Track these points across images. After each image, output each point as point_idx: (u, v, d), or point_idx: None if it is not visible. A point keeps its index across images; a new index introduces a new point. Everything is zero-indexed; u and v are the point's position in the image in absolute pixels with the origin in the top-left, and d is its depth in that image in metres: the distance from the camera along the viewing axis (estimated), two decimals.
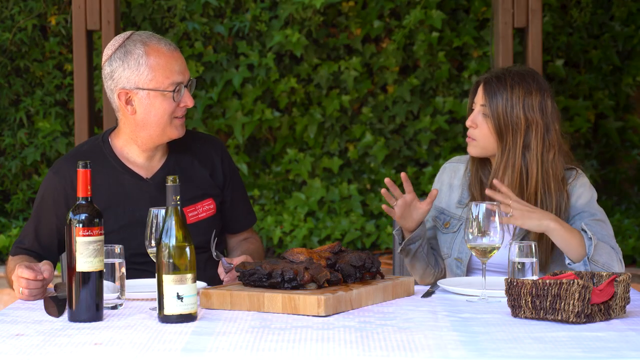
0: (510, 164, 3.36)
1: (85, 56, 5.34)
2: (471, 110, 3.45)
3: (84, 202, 2.75)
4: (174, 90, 3.31)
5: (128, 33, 3.37)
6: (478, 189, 3.47)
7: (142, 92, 3.31)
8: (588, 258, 3.18)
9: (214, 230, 3.31)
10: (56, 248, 3.40)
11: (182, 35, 6.54)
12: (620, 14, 6.56)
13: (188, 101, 3.36)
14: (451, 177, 3.57)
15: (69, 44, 6.48)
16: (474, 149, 3.43)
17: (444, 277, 3.58)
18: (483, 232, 2.99)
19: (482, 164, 3.50)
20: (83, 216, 2.73)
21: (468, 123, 3.42)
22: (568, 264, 3.22)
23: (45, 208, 3.40)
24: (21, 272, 3.02)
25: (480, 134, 3.40)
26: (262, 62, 6.47)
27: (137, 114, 3.33)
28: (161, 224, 2.76)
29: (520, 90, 3.37)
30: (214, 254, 3.19)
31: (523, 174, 3.37)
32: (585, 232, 3.22)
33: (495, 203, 3.01)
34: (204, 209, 3.47)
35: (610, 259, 3.22)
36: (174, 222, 2.71)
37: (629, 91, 6.62)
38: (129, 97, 3.33)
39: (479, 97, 3.41)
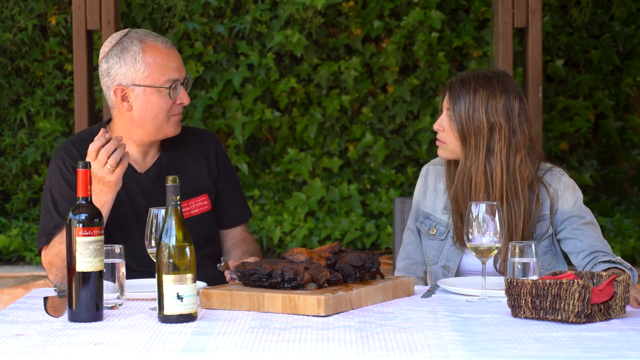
0: (473, 168, 3.35)
1: (85, 56, 5.33)
2: (442, 112, 3.45)
3: (84, 202, 2.75)
4: (169, 87, 3.33)
5: (125, 31, 3.39)
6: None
7: (138, 88, 3.33)
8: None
9: (222, 258, 3.27)
10: None
11: (182, 35, 6.53)
12: (620, 14, 6.56)
13: (184, 98, 3.37)
14: (436, 180, 3.54)
15: (69, 44, 6.47)
16: (443, 152, 3.43)
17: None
18: (483, 232, 2.98)
19: (456, 166, 3.47)
20: (83, 216, 2.73)
21: (436, 127, 3.42)
22: None
23: (62, 185, 3.38)
24: (92, 146, 3.13)
25: (447, 137, 3.40)
26: (262, 62, 6.47)
27: (134, 110, 3.35)
28: (161, 224, 2.76)
29: (483, 93, 3.35)
30: (220, 264, 3.18)
31: (488, 178, 3.35)
32: (621, 263, 3.20)
33: (495, 203, 3.01)
34: (197, 205, 3.48)
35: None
36: (174, 222, 2.71)
37: (629, 91, 6.61)
38: (125, 93, 3.35)
39: (445, 101, 3.41)
